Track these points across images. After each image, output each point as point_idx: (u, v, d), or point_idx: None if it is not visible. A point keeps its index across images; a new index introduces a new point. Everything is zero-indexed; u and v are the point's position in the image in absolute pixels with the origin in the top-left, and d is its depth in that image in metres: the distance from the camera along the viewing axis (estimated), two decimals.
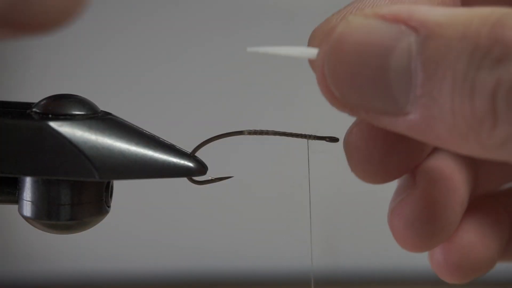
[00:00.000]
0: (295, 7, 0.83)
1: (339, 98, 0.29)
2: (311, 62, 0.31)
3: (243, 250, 0.87)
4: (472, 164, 0.37)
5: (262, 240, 0.87)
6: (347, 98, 0.29)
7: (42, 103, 0.32)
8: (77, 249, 0.87)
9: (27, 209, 0.32)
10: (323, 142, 0.34)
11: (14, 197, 0.33)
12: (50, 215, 0.32)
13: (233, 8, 0.83)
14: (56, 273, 0.88)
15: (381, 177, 0.35)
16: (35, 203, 0.32)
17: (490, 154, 0.28)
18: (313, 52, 0.30)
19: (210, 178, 0.34)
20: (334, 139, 0.33)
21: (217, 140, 0.33)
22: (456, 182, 0.36)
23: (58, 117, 0.31)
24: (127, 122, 0.32)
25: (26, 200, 0.32)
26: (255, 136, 0.33)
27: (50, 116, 0.31)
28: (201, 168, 0.32)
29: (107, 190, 0.33)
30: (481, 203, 0.37)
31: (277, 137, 0.33)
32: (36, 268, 0.88)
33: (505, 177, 0.39)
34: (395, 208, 0.36)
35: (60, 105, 0.31)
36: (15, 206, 0.33)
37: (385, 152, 0.34)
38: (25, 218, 0.32)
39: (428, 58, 0.27)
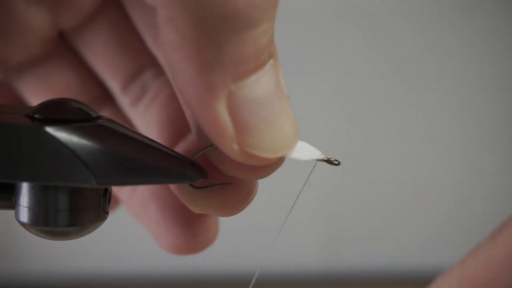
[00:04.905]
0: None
1: None
2: None
3: (243, 251, 0.87)
4: None
5: (262, 241, 0.87)
6: None
7: (39, 107, 0.31)
8: (77, 249, 0.87)
9: (24, 215, 0.32)
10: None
11: (11, 203, 0.32)
12: (47, 221, 0.31)
13: None
14: (56, 273, 0.88)
15: None
16: (32, 209, 0.31)
17: None
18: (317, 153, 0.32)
19: (209, 184, 0.33)
20: (335, 163, 0.32)
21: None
22: None
23: (55, 122, 0.30)
24: (126, 127, 0.32)
25: (22, 206, 0.31)
26: None
27: (46, 121, 0.30)
28: (201, 174, 0.32)
29: (105, 196, 0.32)
30: None
31: None
32: (36, 268, 0.87)
33: None
34: None
35: (57, 110, 0.31)
36: None
37: None
38: (22, 224, 0.32)
39: None
